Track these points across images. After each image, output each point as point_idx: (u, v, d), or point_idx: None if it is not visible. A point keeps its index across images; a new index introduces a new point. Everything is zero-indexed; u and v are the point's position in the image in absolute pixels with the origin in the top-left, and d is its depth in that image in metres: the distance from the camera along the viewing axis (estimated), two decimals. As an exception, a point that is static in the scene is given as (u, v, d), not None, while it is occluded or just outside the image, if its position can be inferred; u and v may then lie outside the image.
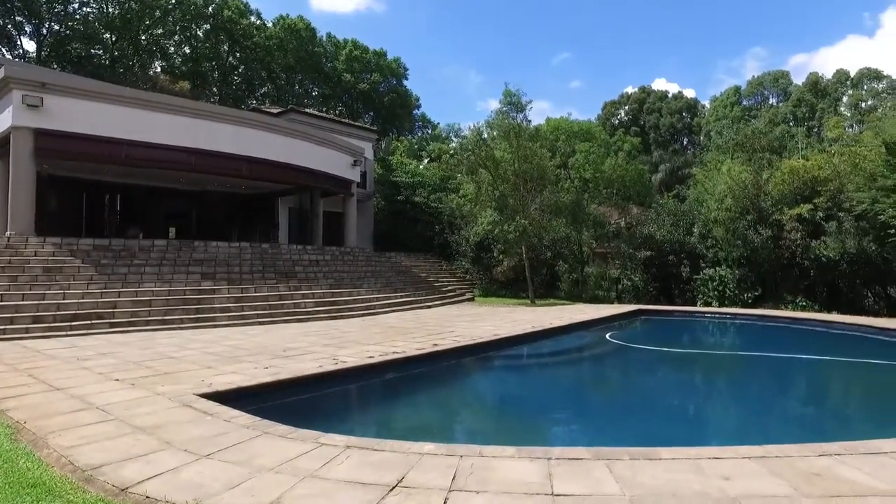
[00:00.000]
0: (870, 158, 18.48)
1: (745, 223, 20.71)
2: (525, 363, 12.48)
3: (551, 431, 7.05)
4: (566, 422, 7.66)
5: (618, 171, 28.89)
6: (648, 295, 23.34)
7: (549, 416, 7.78)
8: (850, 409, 8.62)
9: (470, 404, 8.85)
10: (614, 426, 7.24)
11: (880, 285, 19.10)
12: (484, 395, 9.63)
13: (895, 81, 49.79)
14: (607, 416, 7.97)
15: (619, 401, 8.87)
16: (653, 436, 6.43)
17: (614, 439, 6.35)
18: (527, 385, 10.26)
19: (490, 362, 11.50)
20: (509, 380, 10.87)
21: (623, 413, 7.98)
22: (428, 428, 7.23)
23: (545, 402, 8.76)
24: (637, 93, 63.74)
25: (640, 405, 8.36)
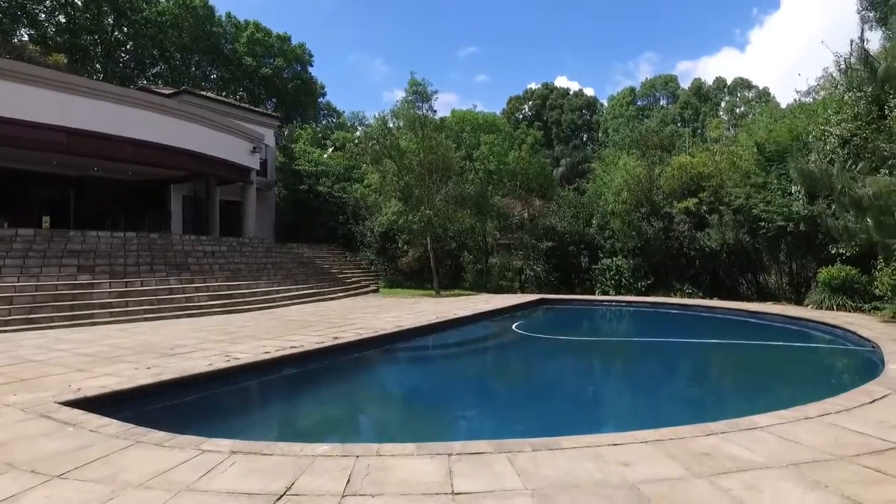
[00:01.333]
0: (745, 158, 19.98)
1: (640, 215, 21.80)
2: (429, 354, 12.30)
3: (454, 425, 6.91)
4: (470, 414, 7.55)
5: (521, 163, 29.50)
6: (550, 284, 24.05)
7: (453, 409, 7.67)
8: (732, 387, 9.17)
9: (371, 400, 8.54)
10: (518, 417, 7.22)
11: (752, 273, 20.81)
12: (386, 389, 9.33)
13: (762, 91, 54.57)
14: (511, 406, 7.94)
15: (522, 391, 8.86)
16: (555, 425, 6.48)
17: (518, 430, 6.34)
18: (430, 377, 10.05)
19: (393, 355, 11.23)
20: (413, 372, 10.62)
21: (527, 403, 7.98)
22: (325, 427, 6.87)
23: (449, 394, 8.63)
24: (540, 89, 65.62)
25: (544, 395, 8.41)
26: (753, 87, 55.85)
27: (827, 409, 5.31)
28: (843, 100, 16.33)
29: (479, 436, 5.05)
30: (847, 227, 12.23)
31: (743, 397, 8.17)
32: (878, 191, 11.03)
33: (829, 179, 11.94)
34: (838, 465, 4.00)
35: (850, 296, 14.19)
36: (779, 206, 16.95)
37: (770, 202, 17.32)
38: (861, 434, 4.65)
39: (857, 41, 11.91)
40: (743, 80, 56.84)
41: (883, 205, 11.02)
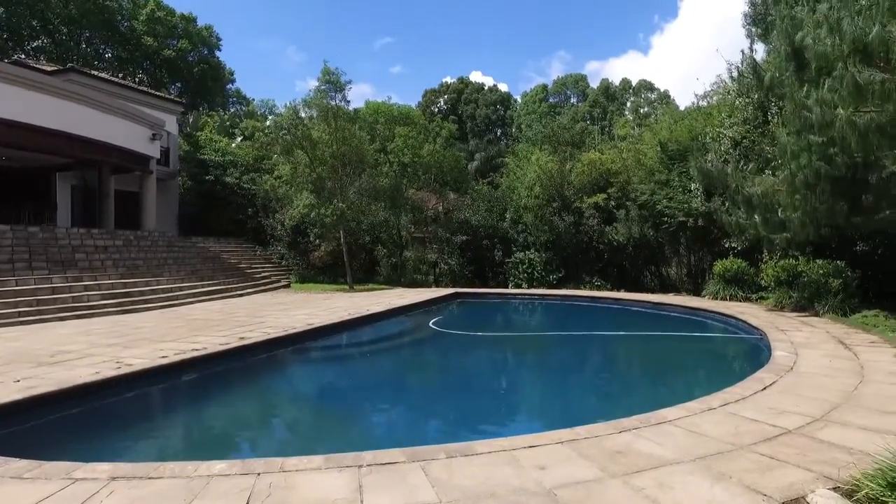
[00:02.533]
0: (649, 156, 20.96)
1: (552, 210, 22.34)
2: (342, 354, 11.85)
3: (367, 431, 6.61)
4: (383, 419, 7.28)
5: (436, 156, 29.45)
6: (464, 278, 24.21)
7: (366, 414, 7.35)
8: (642, 380, 9.43)
9: (279, 406, 8.01)
10: (434, 420, 7.08)
11: (655, 265, 21.93)
12: (295, 394, 8.78)
13: (663, 93, 57.79)
14: (427, 409, 7.74)
15: (438, 392, 8.64)
16: (472, 427, 6.41)
17: (433, 435, 6.19)
18: (343, 380, 9.62)
19: (304, 355, 10.73)
20: (324, 374, 10.12)
21: (443, 405, 7.81)
22: (226, 440, 6.34)
23: (362, 398, 8.27)
24: (456, 83, 65.92)
25: (460, 395, 8.24)
26: (656, 89, 59.00)
27: (727, 398, 5.56)
28: (734, 105, 17.50)
29: (394, 442, 4.85)
30: (738, 223, 13.09)
31: (652, 390, 8.43)
32: (766, 190, 11.87)
33: (725, 178, 12.70)
34: (739, 454, 4.15)
35: (740, 287, 15.25)
36: (680, 202, 17.92)
37: (672, 198, 18.27)
38: (756, 422, 4.89)
39: (747, 52, 12.67)
40: (646, 83, 59.89)
41: (769, 203, 11.88)
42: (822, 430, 4.70)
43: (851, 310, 11.54)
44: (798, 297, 12.70)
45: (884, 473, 3.68)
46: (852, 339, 8.95)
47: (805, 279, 12.59)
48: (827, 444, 4.36)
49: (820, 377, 6.49)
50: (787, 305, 12.91)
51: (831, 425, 4.83)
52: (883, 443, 4.30)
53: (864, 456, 4.12)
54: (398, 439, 5.62)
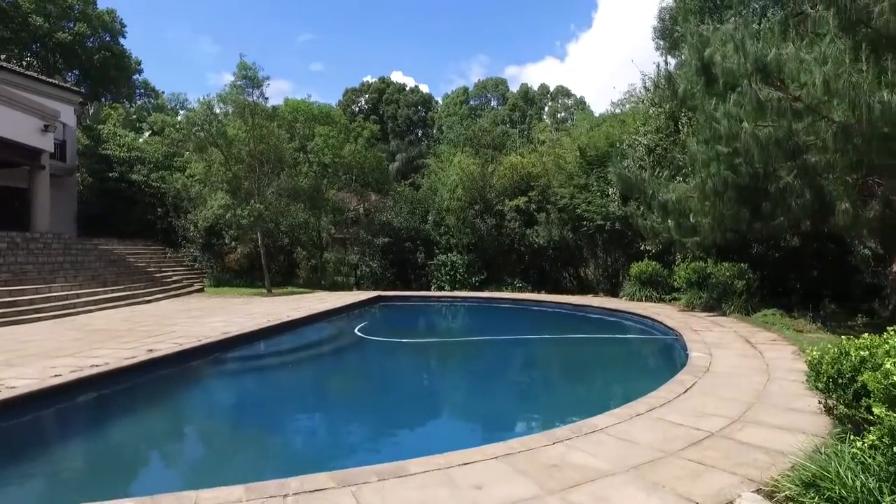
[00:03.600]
0: (569, 161, 21.56)
1: (474, 212, 22.50)
2: (261, 365, 11.09)
3: (292, 454, 6.14)
4: (309, 438, 6.81)
5: (357, 157, 28.94)
6: (386, 280, 23.94)
7: (290, 434, 6.85)
8: (571, 385, 9.40)
9: (192, 429, 7.29)
10: (363, 437, 6.72)
11: (574, 267, 22.61)
12: (211, 413, 7.96)
13: (579, 99, 60.01)
14: (355, 425, 7.36)
15: (366, 406, 8.20)
16: (404, 443, 6.20)
17: (363, 453, 5.90)
18: (263, 394, 8.93)
19: (220, 367, 10.03)
20: (242, 389, 9.34)
21: (371, 420, 7.46)
22: (132, 472, 5.70)
23: (285, 415, 7.72)
24: (377, 83, 65.29)
25: (389, 409, 7.91)
26: (572, 95, 61.17)
27: (652, 403, 5.69)
28: (648, 114, 18.34)
29: (322, 464, 4.57)
30: (653, 227, 13.69)
31: (582, 395, 8.51)
32: (679, 197, 12.46)
33: (642, 185, 13.22)
34: (669, 462, 4.22)
35: (655, 288, 15.97)
36: (598, 206, 18.54)
37: (591, 202, 18.87)
38: (682, 426, 5.02)
39: (663, 65, 13.22)
40: (563, 89, 61.97)
41: (682, 209, 12.49)
42: (741, 431, 4.89)
43: (753, 309, 12.34)
44: (707, 297, 13.44)
45: (799, 473, 3.85)
46: (756, 338, 9.53)
47: (713, 281, 13.35)
48: (747, 446, 4.53)
49: (733, 377, 6.82)
50: (697, 305, 13.63)
51: (748, 426, 5.04)
52: (794, 440, 4.52)
53: (779, 455, 4.31)
54: (326, 461, 5.30)
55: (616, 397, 5.97)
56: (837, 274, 14.96)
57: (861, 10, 9.43)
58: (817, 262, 15.18)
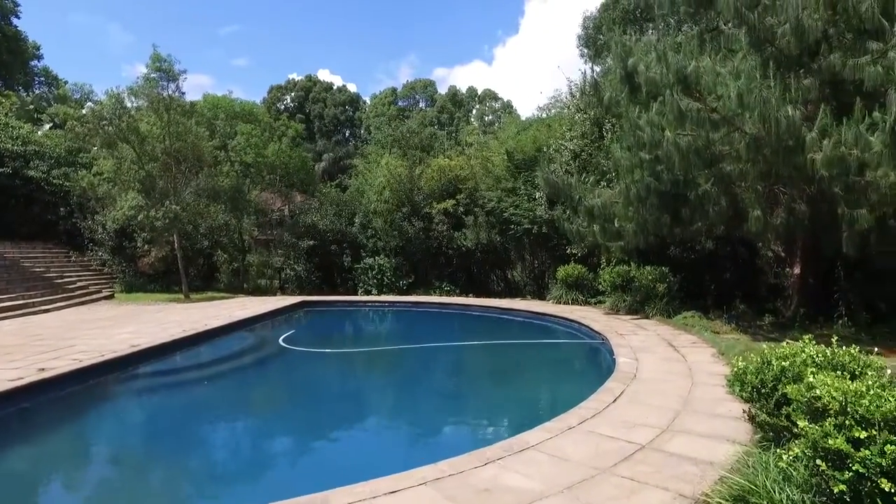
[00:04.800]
0: (496, 164, 21.71)
1: (401, 215, 22.22)
2: (174, 382, 10.11)
3: (206, 486, 5.57)
4: (226, 467, 6.23)
5: (281, 157, 27.98)
6: (312, 284, 23.26)
7: (205, 463, 6.26)
8: (500, 395, 9.04)
9: (90, 463, 6.47)
10: (286, 464, 6.25)
11: (502, 270, 22.80)
12: (113, 442, 7.08)
13: (506, 103, 60.98)
14: (277, 450, 6.84)
15: (290, 428, 7.61)
16: (329, 468, 5.83)
17: (285, 482, 5.48)
18: (174, 418, 7.95)
19: (125, 386, 9.12)
20: (151, 412, 8.47)
21: (295, 444, 6.97)
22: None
23: (199, 441, 7.01)
24: (304, 81, 63.71)
25: (314, 430, 7.39)
26: (499, 98, 62.04)
27: (583, 414, 5.65)
28: (574, 119, 18.72)
29: (240, 497, 4.18)
30: (579, 231, 13.97)
31: (512, 407, 8.32)
32: (604, 202, 12.74)
33: (569, 190, 13.44)
34: (603, 479, 4.15)
35: (581, 291, 16.28)
36: (525, 209, 18.73)
37: (518, 206, 19.04)
38: (613, 439, 4.99)
39: (589, 72, 13.49)
40: (491, 92, 62.74)
41: (608, 214, 12.77)
42: (670, 442, 4.91)
43: (674, 311, 12.79)
44: (631, 300, 13.82)
45: (728, 488, 3.88)
46: (678, 341, 9.83)
47: (637, 284, 13.74)
48: (677, 458, 4.54)
49: (660, 383, 6.93)
50: (622, 308, 13.99)
51: (677, 435, 5.08)
52: (721, 450, 4.59)
53: (708, 466, 4.35)
54: (245, 493, 4.86)
55: (547, 407, 5.92)
56: (747, 275, 15.82)
57: (767, 30, 9.98)
58: (730, 265, 16.00)
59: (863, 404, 3.31)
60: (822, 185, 9.69)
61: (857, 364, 4.35)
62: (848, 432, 3.29)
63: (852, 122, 8.89)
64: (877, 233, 9.92)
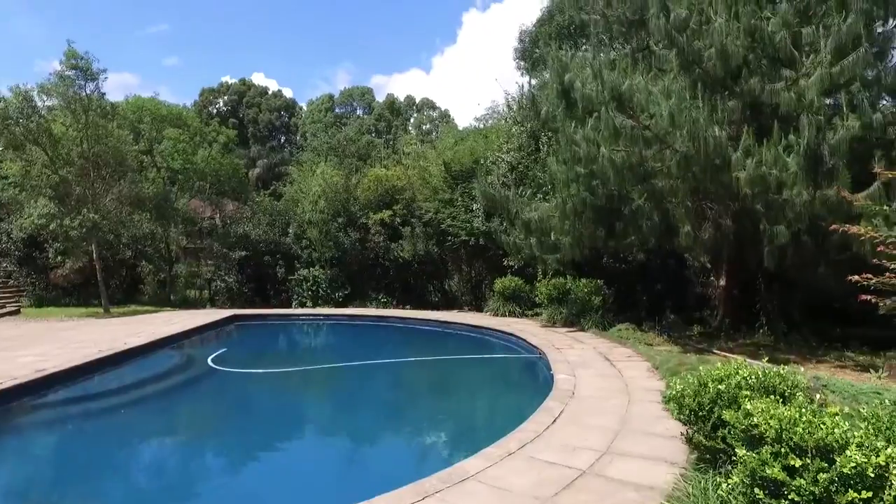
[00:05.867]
0: (434, 175, 21.60)
1: (337, 225, 21.77)
2: (86, 412, 8.97)
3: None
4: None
5: (212, 163, 26.91)
6: (244, 296, 22.38)
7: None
8: (438, 418, 8.79)
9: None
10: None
11: (439, 281, 22.70)
12: (9, 491, 6.06)
13: (444, 112, 61.25)
14: (202, 491, 6.20)
15: (220, 468, 6.96)
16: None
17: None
18: (84, 457, 7.06)
19: (27, 419, 8.13)
20: (58, 450, 7.46)
21: (226, 485, 6.33)
22: None
23: (103, 485, 6.14)
24: (237, 84, 61.71)
25: (248, 467, 6.83)
26: (437, 107, 62.21)
27: (523, 438, 5.54)
28: (511, 131, 18.91)
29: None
30: (516, 243, 14.04)
31: (452, 429, 8.16)
32: (542, 215, 12.85)
33: (506, 203, 13.48)
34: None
35: (518, 303, 16.36)
36: (463, 221, 18.69)
37: (456, 217, 18.99)
38: (554, 465, 4.89)
39: (527, 86, 13.62)
40: (428, 101, 62.82)
41: (544, 227, 12.89)
42: (611, 466, 4.87)
43: (609, 323, 13.03)
44: (567, 313, 13.99)
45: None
46: (614, 355, 9.97)
47: (573, 297, 13.93)
48: (618, 484, 4.49)
49: (598, 400, 6.95)
50: (558, 321, 14.13)
51: (617, 458, 5.04)
52: (661, 473, 4.58)
53: (649, 491, 4.32)
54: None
55: (487, 429, 5.77)
56: (676, 286, 16.39)
57: (696, 53, 10.36)
58: (660, 276, 16.52)
59: (797, 432, 3.33)
60: (745, 203, 10.12)
61: (787, 385, 4.45)
62: (784, 460, 3.30)
63: (771, 143, 9.35)
64: (793, 247, 10.41)
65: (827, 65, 9.49)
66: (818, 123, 9.35)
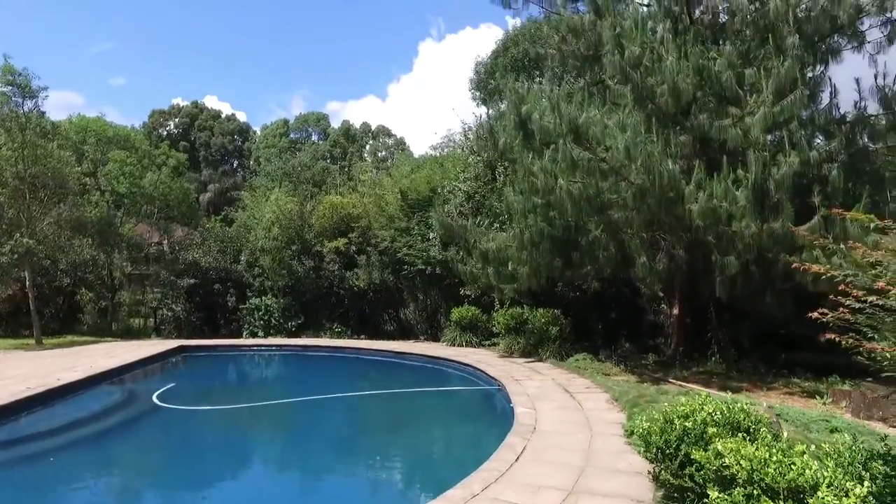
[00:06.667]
0: (389, 202, 21.46)
1: (291, 253, 21.30)
2: (6, 459, 8.02)
3: None
4: None
5: (161, 187, 26.00)
6: (192, 326, 21.49)
7: None
8: (399, 456, 8.46)
9: None
10: None
11: (395, 310, 22.42)
12: None
13: (399, 140, 61.47)
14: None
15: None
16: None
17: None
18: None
19: None
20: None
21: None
22: None
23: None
24: (189, 107, 60.46)
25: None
26: (393, 135, 62.40)
27: (486, 478, 5.36)
28: (467, 161, 19.02)
29: None
30: (472, 273, 13.99)
31: (414, 468, 7.87)
32: (499, 245, 12.85)
33: (464, 233, 13.45)
34: (512, 559, 3.85)
35: (475, 333, 16.24)
36: (419, 250, 18.54)
37: (412, 246, 18.82)
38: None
39: (484, 116, 13.77)
40: (384, 128, 62.94)
41: (502, 257, 12.88)
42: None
43: (566, 353, 13.04)
44: (525, 343, 13.94)
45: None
46: (573, 386, 9.93)
47: (530, 327, 13.90)
48: (585, 526, 4.36)
49: (560, 435, 6.84)
50: (516, 351, 14.06)
51: (582, 497, 4.93)
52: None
53: (616, 533, 4.19)
54: None
55: (449, 467, 5.57)
56: (631, 314, 16.67)
57: (649, 89, 10.68)
58: (615, 304, 16.76)
59: (769, 473, 3.30)
60: (697, 234, 10.38)
61: (751, 421, 4.45)
62: (756, 502, 3.26)
63: (721, 177, 9.68)
64: (742, 277, 10.72)
65: (769, 104, 9.95)
66: (764, 159, 9.76)
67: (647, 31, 11.04)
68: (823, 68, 12.17)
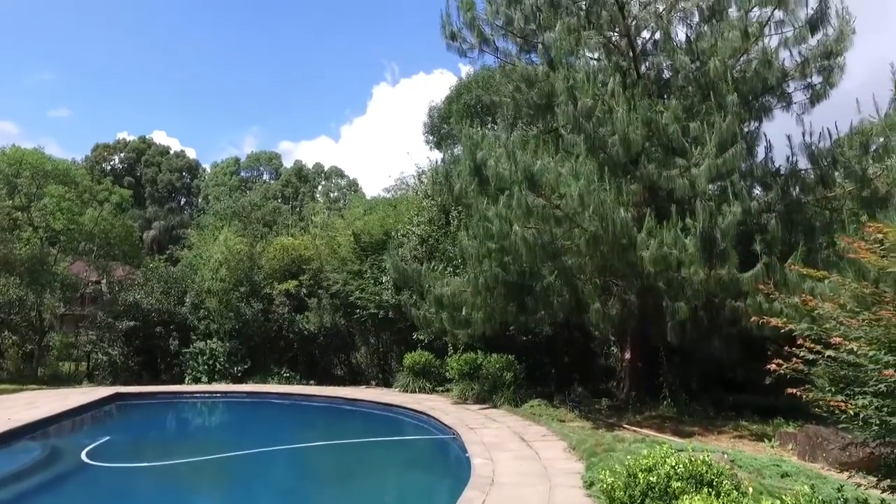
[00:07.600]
0: (341, 244, 21.21)
1: (239, 295, 20.56)
2: None
3: None
4: None
5: (102, 224, 24.88)
6: (130, 371, 20.25)
7: None
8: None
9: None
10: None
11: (346, 354, 21.89)
12: None
13: (352, 181, 61.46)
14: None
15: None
16: None
17: None
18: None
19: None
20: None
21: None
22: None
23: None
24: (136, 142, 58.90)
25: None
26: (345, 176, 62.37)
27: (445, 539, 5.12)
28: (421, 205, 19.06)
29: None
30: (426, 317, 13.85)
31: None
32: (454, 291, 12.79)
33: (418, 277, 13.34)
34: None
35: (428, 378, 15.94)
36: (372, 293, 18.24)
37: (365, 289, 18.52)
38: (480, 569, 4.51)
39: (440, 162, 13.87)
40: (337, 169, 62.85)
41: (456, 302, 12.80)
42: (539, 568, 4.55)
43: (521, 399, 12.91)
44: (479, 389, 13.74)
45: None
46: (529, 434, 9.78)
47: (484, 372, 13.75)
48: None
49: (519, 488, 6.65)
50: (470, 397, 13.84)
51: (544, 557, 4.74)
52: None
53: None
54: None
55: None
56: (583, 358, 16.78)
57: (601, 138, 11.02)
58: (567, 348, 16.85)
59: (737, 532, 3.24)
60: (649, 280, 10.60)
61: (713, 473, 4.42)
62: (725, 563, 3.18)
63: (671, 225, 9.97)
64: (691, 322, 10.98)
65: (713, 156, 10.40)
66: (710, 209, 10.15)
67: (598, 84, 11.42)
68: (758, 124, 13.07)
